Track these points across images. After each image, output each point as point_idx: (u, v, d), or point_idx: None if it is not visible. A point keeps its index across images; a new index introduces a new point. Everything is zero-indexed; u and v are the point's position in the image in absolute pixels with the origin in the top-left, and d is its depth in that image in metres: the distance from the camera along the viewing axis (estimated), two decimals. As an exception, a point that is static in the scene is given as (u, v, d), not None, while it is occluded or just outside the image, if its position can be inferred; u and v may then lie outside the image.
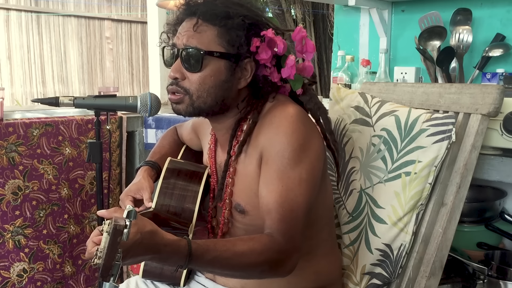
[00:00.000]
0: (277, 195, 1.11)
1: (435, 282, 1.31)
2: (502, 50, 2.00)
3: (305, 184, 1.13)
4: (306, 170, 1.13)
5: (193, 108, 1.20)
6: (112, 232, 0.87)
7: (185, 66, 1.17)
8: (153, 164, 1.42)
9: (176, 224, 1.26)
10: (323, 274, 1.30)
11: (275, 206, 1.11)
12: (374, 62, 2.30)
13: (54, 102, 1.53)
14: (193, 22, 1.17)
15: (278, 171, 1.12)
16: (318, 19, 6.68)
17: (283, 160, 1.12)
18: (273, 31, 1.17)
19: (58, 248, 2.19)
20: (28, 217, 2.09)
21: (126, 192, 1.34)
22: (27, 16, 6.34)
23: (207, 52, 1.15)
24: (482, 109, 1.28)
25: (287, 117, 1.14)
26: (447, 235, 1.30)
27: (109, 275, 0.89)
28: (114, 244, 0.88)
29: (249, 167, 1.20)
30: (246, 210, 1.22)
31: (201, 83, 1.17)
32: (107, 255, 0.88)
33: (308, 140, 1.15)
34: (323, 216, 1.28)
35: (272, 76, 1.21)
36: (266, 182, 1.14)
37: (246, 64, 1.19)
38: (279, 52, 1.18)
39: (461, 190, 1.29)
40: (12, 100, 6.19)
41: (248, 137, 1.20)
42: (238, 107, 1.23)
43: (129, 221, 0.90)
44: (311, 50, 1.24)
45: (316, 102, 1.26)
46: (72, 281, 2.25)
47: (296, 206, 1.11)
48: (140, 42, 7.44)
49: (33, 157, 2.09)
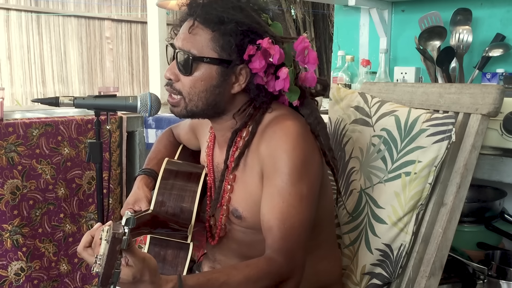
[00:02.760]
0: (278, 212, 1.10)
1: (435, 282, 1.31)
2: (502, 50, 2.00)
3: (306, 200, 1.12)
4: (307, 186, 1.12)
5: (186, 111, 1.20)
6: (111, 240, 0.87)
7: (179, 68, 1.18)
8: (150, 172, 1.41)
9: (175, 225, 1.25)
10: (323, 274, 1.30)
11: (276, 223, 1.10)
12: (374, 62, 2.30)
13: (54, 102, 1.53)
14: (190, 24, 1.16)
15: (279, 188, 1.11)
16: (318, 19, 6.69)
17: (284, 176, 1.11)
18: (270, 40, 1.14)
19: (53, 246, 2.19)
20: (25, 216, 2.10)
21: (125, 206, 1.34)
22: (27, 16, 6.34)
23: (197, 58, 1.15)
24: (482, 109, 1.28)
25: (287, 134, 1.13)
26: (447, 235, 1.30)
27: (109, 283, 0.89)
28: (114, 252, 0.87)
29: (250, 176, 1.19)
30: (243, 216, 1.21)
31: (191, 86, 1.17)
32: (107, 263, 0.87)
33: (309, 156, 1.14)
34: (323, 218, 1.27)
35: (269, 85, 1.18)
36: (267, 199, 1.13)
37: (240, 70, 1.17)
38: (274, 62, 1.15)
39: (461, 190, 1.29)
40: (12, 100, 6.18)
41: (247, 149, 1.19)
42: (235, 116, 1.21)
43: (128, 228, 0.89)
44: (313, 61, 1.21)
45: (317, 116, 1.23)
46: (68, 279, 2.26)
47: (298, 223, 1.11)
48: (140, 42, 7.44)
49: (32, 157, 2.09)
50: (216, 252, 1.32)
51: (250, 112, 1.22)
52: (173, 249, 1.27)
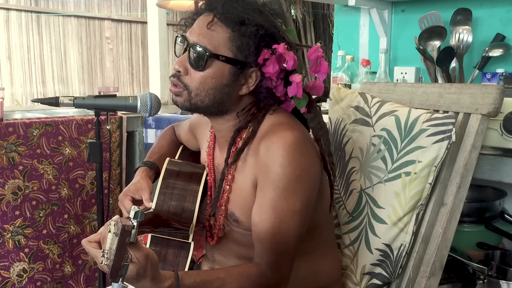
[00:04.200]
0: (269, 226, 1.11)
1: (435, 282, 1.31)
2: (502, 50, 2.00)
3: (298, 215, 1.12)
4: (300, 201, 1.12)
5: (190, 103, 1.19)
6: (121, 233, 0.88)
7: (190, 62, 1.17)
8: (151, 165, 1.42)
9: (176, 225, 1.26)
10: (323, 274, 1.30)
11: (267, 237, 1.11)
12: (374, 62, 2.30)
13: (54, 102, 1.53)
14: (208, 19, 1.15)
15: (272, 201, 1.11)
16: (318, 19, 6.69)
17: (278, 191, 1.11)
18: (285, 46, 1.14)
19: (58, 248, 2.19)
20: (28, 217, 2.09)
21: (124, 192, 1.34)
22: (27, 16, 6.34)
23: (213, 55, 1.14)
24: (482, 109, 1.28)
25: (284, 146, 1.11)
26: (447, 235, 1.30)
27: (118, 275, 0.90)
28: (123, 244, 0.89)
29: (245, 181, 1.19)
30: (240, 220, 1.21)
31: (201, 82, 1.17)
32: (116, 256, 0.88)
33: (305, 171, 1.13)
34: (322, 219, 1.27)
35: (277, 89, 1.19)
36: (259, 210, 1.13)
37: (251, 72, 1.17)
38: (288, 68, 1.15)
39: (461, 190, 1.29)
40: (12, 100, 6.18)
41: (247, 147, 1.19)
42: (238, 115, 1.21)
43: (137, 221, 0.91)
44: (324, 71, 1.21)
45: (319, 121, 1.22)
46: (72, 281, 2.25)
47: (288, 238, 1.11)
48: (140, 42, 7.43)
49: (33, 157, 2.09)
50: (215, 252, 1.32)
51: (254, 112, 1.22)
52: (174, 248, 1.28)
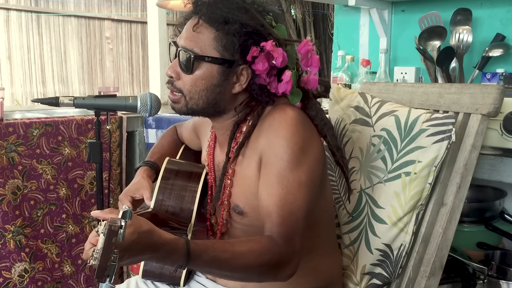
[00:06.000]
0: (277, 198, 1.11)
1: (435, 282, 1.31)
2: (502, 50, 2.00)
3: (304, 187, 1.12)
4: (305, 173, 1.13)
5: (187, 108, 1.21)
6: (107, 233, 0.87)
7: (180, 66, 1.18)
8: (152, 165, 1.42)
9: (175, 224, 1.26)
10: (323, 274, 1.30)
11: (275, 209, 1.10)
12: (374, 62, 2.30)
13: (54, 102, 1.53)
14: (194, 22, 1.17)
15: (278, 174, 1.12)
16: (318, 19, 6.69)
17: (283, 163, 1.12)
18: (274, 43, 1.14)
19: (56, 247, 2.19)
20: (26, 216, 2.10)
21: (125, 192, 1.34)
22: (27, 16, 6.34)
23: (199, 56, 1.15)
24: (482, 109, 1.28)
25: (286, 120, 1.13)
26: (447, 235, 1.30)
27: (104, 275, 0.89)
28: (109, 244, 0.87)
29: (248, 169, 1.20)
30: (244, 212, 1.22)
31: (192, 85, 1.18)
32: (103, 256, 0.87)
33: (307, 143, 1.14)
34: (323, 217, 1.28)
35: (271, 86, 1.19)
36: (266, 185, 1.14)
37: (241, 70, 1.17)
38: (277, 65, 1.16)
39: (461, 190, 1.29)
40: (12, 100, 6.18)
41: (247, 140, 1.20)
42: (236, 109, 1.22)
43: (125, 221, 0.89)
44: (315, 64, 1.22)
45: (323, 118, 1.24)
46: (72, 280, 2.26)
47: (296, 209, 1.11)
48: (140, 42, 7.43)
49: (32, 157, 2.09)
50: None
51: (252, 105, 1.22)
52: None
